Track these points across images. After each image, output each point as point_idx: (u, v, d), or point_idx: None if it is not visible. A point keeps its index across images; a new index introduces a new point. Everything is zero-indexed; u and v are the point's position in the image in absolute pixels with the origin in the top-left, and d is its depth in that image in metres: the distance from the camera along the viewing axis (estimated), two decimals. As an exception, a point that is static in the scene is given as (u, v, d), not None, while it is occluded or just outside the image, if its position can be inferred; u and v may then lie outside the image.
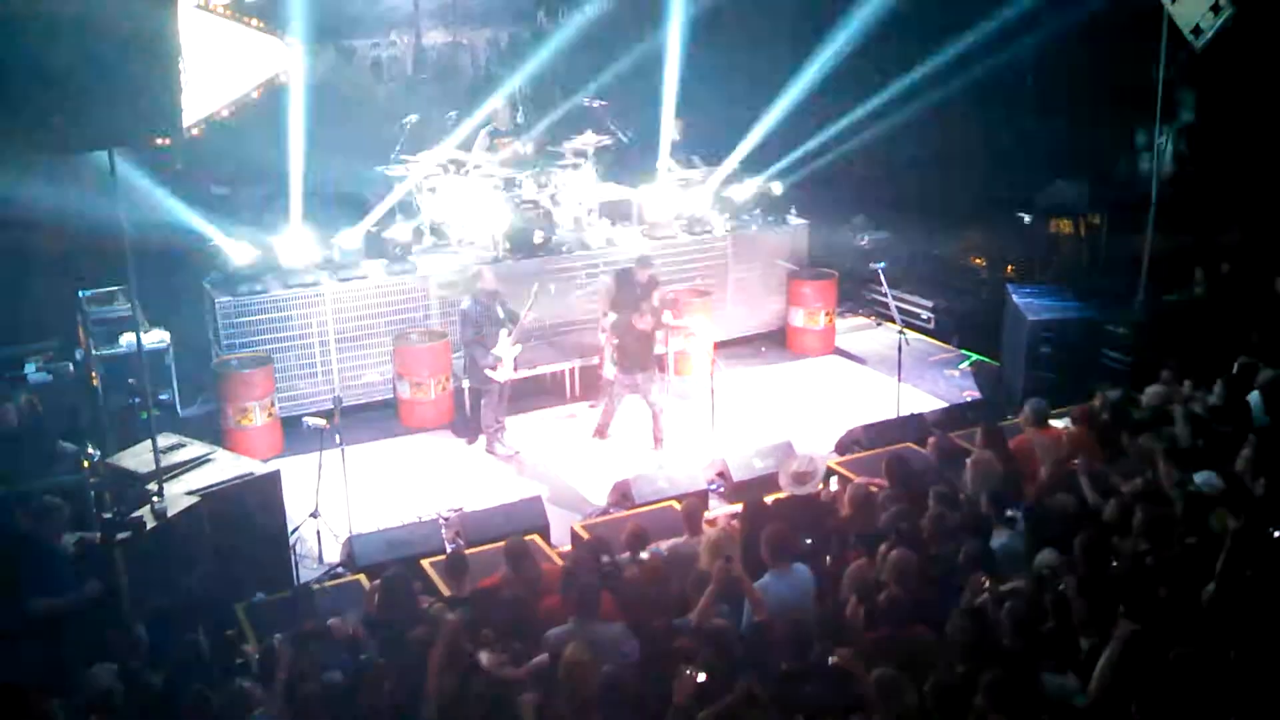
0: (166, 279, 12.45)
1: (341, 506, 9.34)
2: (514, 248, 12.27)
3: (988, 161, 14.44)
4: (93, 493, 8.25)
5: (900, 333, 11.27)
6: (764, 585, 6.67)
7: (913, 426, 10.52)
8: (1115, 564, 6.32)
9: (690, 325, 12.17)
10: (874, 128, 14.51)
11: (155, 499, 7.79)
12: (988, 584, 6.43)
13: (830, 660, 5.67)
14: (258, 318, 11.40)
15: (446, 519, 9.45)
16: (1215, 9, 10.40)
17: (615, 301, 11.01)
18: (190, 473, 8.42)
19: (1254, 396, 8.74)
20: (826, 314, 13.61)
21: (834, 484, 8.85)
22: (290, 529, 9.04)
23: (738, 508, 8.67)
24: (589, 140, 13.01)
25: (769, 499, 8.15)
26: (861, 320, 14.60)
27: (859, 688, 5.46)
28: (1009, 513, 7.20)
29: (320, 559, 9.27)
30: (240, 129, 12.44)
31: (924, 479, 8.07)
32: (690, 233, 13.28)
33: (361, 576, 8.30)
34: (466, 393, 11.59)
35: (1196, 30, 10.68)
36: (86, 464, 8.63)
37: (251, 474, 8.56)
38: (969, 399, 12.06)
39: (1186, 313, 11.60)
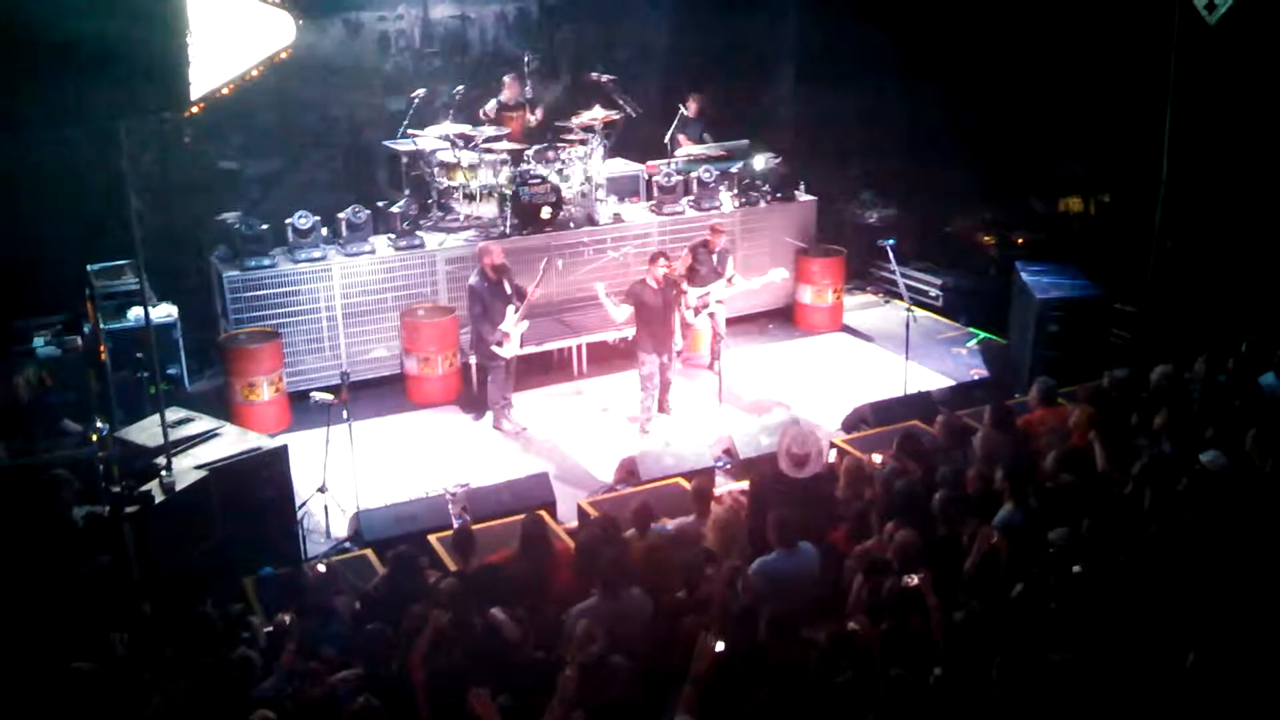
0: (174, 253, 12.47)
1: (349, 481, 9.36)
2: (521, 223, 12.25)
3: (997, 138, 14.35)
4: (101, 467, 8.28)
5: (908, 310, 11.25)
6: (768, 563, 6.67)
7: (920, 404, 10.51)
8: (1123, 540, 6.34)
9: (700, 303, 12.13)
10: (883, 103, 14.44)
11: (163, 473, 7.82)
12: (996, 538, 6.44)
13: (850, 626, 5.70)
14: (265, 292, 11.39)
15: (453, 495, 9.47)
16: (1228, -16, 10.33)
17: (689, 272, 11.18)
18: (198, 447, 8.44)
19: (1267, 378, 8.70)
20: (834, 291, 13.57)
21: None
22: (298, 504, 9.05)
23: (745, 484, 8.69)
24: (597, 115, 12.94)
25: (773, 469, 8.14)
26: (869, 297, 14.56)
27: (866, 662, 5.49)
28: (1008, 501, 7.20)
29: (328, 534, 9.30)
30: (248, 103, 12.39)
31: (932, 457, 8.06)
32: (698, 209, 13.23)
33: (369, 551, 8.35)
34: (474, 369, 11.59)
35: (1210, 6, 10.60)
36: (95, 438, 8.66)
37: (259, 449, 8.58)
38: (977, 377, 12.05)
39: (1193, 291, 11.56)
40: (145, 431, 8.58)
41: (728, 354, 11.63)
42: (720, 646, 5.31)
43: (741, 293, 11.93)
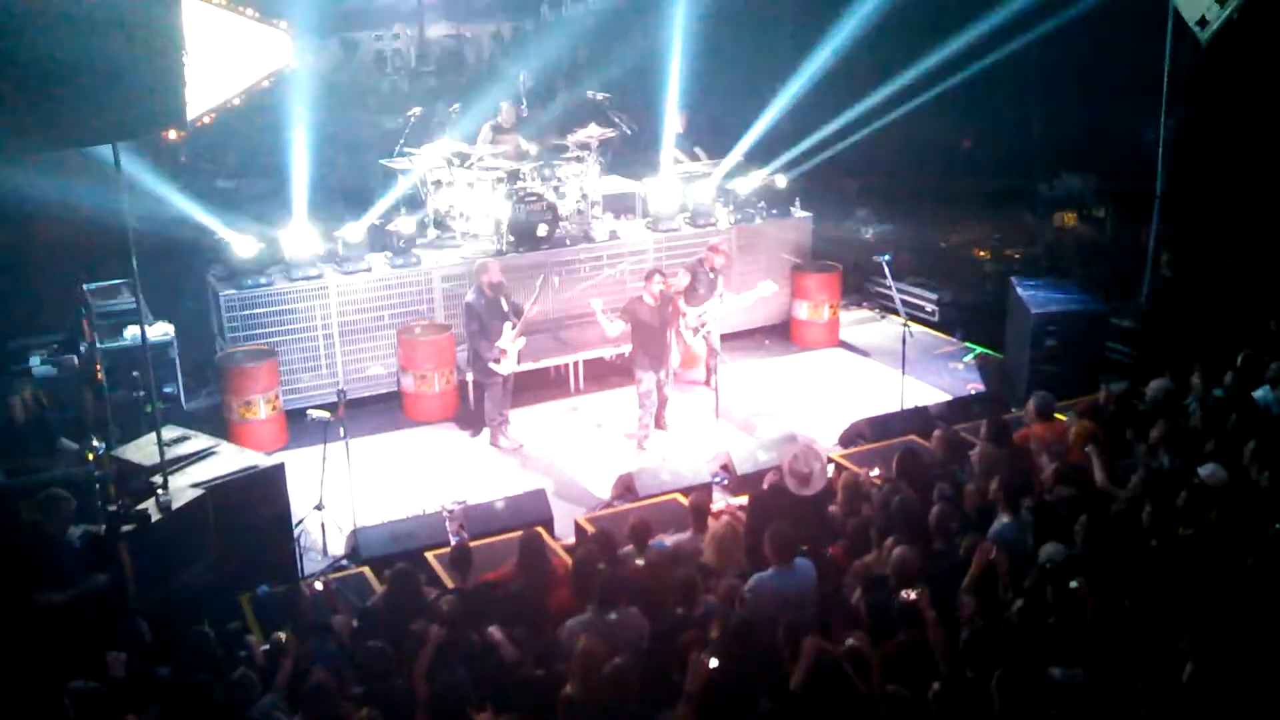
0: (171, 272, 12.49)
1: (346, 499, 9.35)
2: (518, 241, 12.27)
3: (992, 154, 14.43)
4: (98, 486, 8.25)
5: (904, 325, 11.25)
6: (764, 579, 6.67)
7: (917, 420, 10.51)
8: (1120, 552, 6.34)
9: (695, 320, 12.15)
10: (879, 120, 14.49)
11: (160, 492, 7.80)
12: (994, 553, 6.45)
13: (848, 641, 5.70)
14: (262, 310, 11.39)
15: (450, 512, 9.45)
16: (1221, 1, 10.39)
17: (688, 292, 11.10)
18: (195, 466, 8.42)
19: (1262, 391, 8.71)
20: (830, 307, 13.59)
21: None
22: (295, 522, 9.04)
23: (743, 500, 8.68)
24: (593, 133, 12.98)
25: (767, 484, 8.14)
26: (865, 313, 14.57)
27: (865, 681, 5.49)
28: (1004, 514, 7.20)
29: (325, 552, 9.28)
30: (244, 122, 12.44)
31: (929, 473, 8.06)
32: (694, 225, 13.26)
33: (366, 569, 8.33)
34: (470, 386, 11.59)
35: (1202, 22, 10.67)
36: (91, 457, 8.65)
37: (256, 467, 8.56)
38: (973, 392, 12.05)
39: (1189, 305, 11.60)
40: (142, 450, 8.56)
41: (724, 370, 11.64)
42: (714, 663, 5.31)
43: (734, 309, 11.89)
